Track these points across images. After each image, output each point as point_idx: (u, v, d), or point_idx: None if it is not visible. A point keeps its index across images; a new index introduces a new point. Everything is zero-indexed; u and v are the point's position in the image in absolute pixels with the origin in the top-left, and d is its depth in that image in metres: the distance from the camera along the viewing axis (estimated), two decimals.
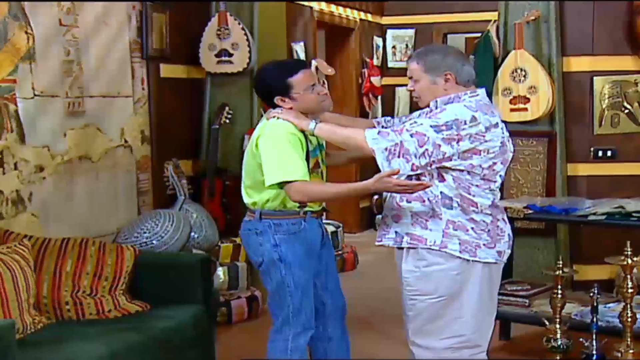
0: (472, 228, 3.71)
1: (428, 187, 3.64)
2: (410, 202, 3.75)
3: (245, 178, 4.13)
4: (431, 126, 3.59)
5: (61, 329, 4.28)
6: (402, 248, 3.83)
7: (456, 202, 3.69)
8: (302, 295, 4.05)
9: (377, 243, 3.95)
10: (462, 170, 3.65)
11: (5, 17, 4.76)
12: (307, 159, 3.98)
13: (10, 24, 4.80)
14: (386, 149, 3.60)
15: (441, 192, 3.69)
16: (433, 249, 3.72)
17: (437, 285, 3.75)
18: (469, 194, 3.68)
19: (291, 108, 3.99)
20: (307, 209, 4.05)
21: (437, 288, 3.75)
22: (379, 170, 3.65)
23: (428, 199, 3.70)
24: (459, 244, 3.70)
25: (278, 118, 3.96)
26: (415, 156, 3.57)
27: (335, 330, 4.32)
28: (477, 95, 3.76)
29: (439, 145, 3.57)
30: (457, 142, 3.58)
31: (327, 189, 4.00)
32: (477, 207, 3.70)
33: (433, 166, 3.64)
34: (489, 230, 3.73)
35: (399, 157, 3.59)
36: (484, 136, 3.61)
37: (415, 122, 3.66)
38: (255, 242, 4.08)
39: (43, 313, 4.42)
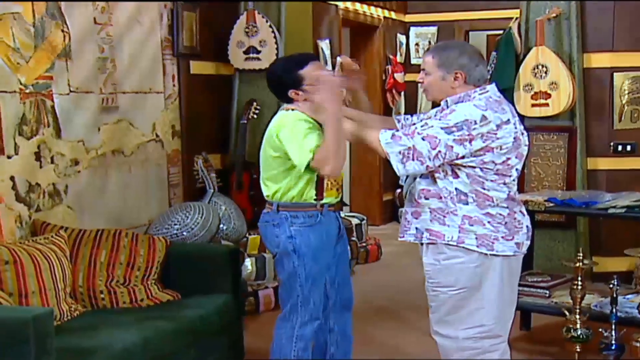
0: (489, 222, 3.69)
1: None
2: (428, 199, 3.76)
3: (262, 170, 4.11)
4: (442, 128, 3.59)
5: (96, 316, 4.37)
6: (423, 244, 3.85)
7: (472, 198, 3.68)
8: (312, 286, 4.05)
9: (399, 239, 3.94)
10: (475, 167, 3.64)
11: (42, 16, 4.85)
12: None
13: (47, 23, 4.88)
14: (400, 152, 3.61)
15: (456, 189, 3.68)
16: (451, 244, 3.73)
17: (457, 277, 3.75)
18: (484, 188, 3.66)
19: (305, 100, 3.98)
20: (324, 201, 4.05)
21: (457, 280, 3.75)
22: None
23: (444, 195, 3.71)
24: (476, 238, 3.68)
25: (294, 110, 3.99)
26: (429, 158, 3.58)
27: (338, 323, 4.32)
28: (487, 91, 3.71)
29: (452, 147, 3.58)
30: (470, 142, 3.58)
31: (330, 137, 3.80)
32: (492, 201, 3.68)
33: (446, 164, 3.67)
34: (506, 223, 3.70)
35: (413, 160, 3.60)
36: (495, 134, 3.59)
37: (426, 124, 3.66)
38: (271, 233, 4.08)
39: (79, 301, 4.53)
